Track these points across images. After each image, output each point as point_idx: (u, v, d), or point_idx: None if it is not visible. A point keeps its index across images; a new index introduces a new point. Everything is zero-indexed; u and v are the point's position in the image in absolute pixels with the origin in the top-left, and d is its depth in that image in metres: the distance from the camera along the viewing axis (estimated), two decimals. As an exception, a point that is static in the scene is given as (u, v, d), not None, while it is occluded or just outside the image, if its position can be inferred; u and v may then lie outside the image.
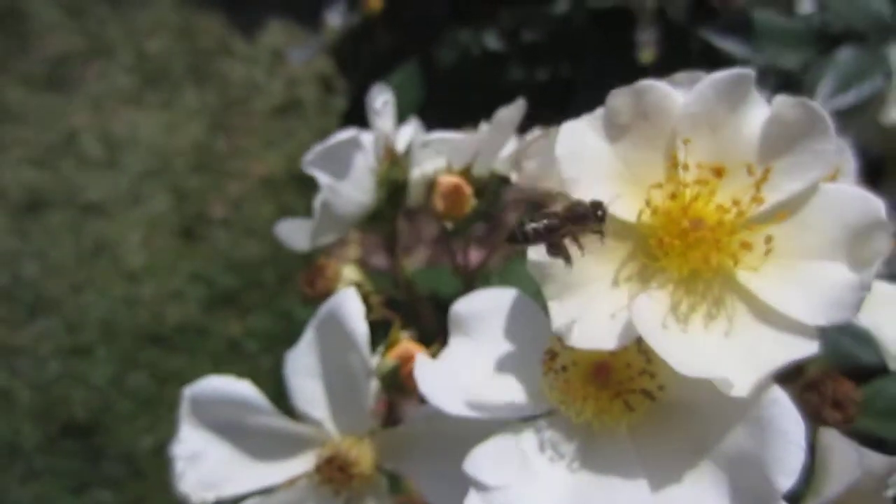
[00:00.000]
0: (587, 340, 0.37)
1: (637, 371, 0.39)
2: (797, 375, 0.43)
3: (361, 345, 0.48)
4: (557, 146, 0.41)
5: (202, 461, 0.51)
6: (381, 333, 0.52)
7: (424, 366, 0.42)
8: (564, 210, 0.39)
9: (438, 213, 0.54)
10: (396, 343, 0.49)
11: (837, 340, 0.63)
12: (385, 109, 0.59)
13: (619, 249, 0.40)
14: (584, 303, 0.39)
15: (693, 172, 0.40)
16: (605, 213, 0.39)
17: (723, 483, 0.35)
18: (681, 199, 0.39)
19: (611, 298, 0.39)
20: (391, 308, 0.59)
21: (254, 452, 0.51)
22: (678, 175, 0.40)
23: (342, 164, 0.56)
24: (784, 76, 1.00)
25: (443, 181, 0.54)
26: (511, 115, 0.56)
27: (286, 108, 2.26)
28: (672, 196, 0.39)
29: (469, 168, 0.56)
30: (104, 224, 2.03)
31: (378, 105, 0.59)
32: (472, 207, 0.55)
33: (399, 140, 0.65)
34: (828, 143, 0.39)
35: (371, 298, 0.57)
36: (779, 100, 0.40)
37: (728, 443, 0.36)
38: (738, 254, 0.38)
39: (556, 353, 0.40)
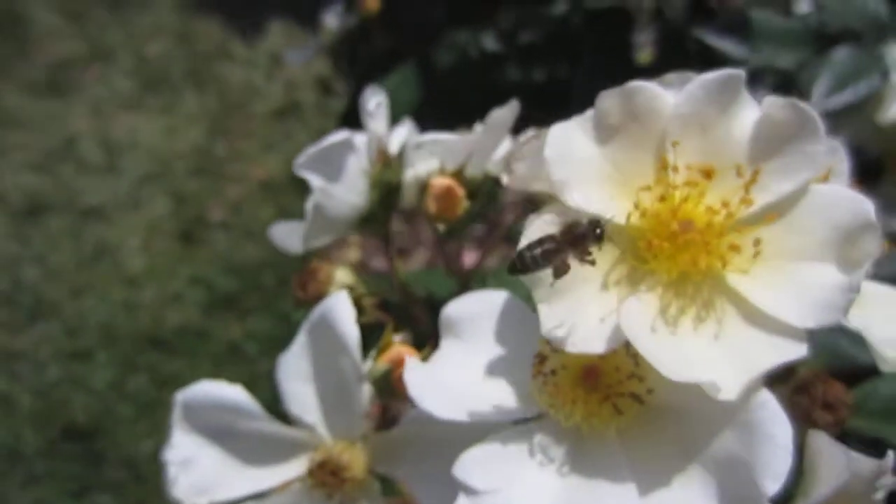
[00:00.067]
0: (576, 344, 0.37)
1: (626, 374, 0.38)
2: (788, 377, 0.43)
3: (352, 349, 0.47)
4: (546, 148, 0.40)
5: (195, 466, 0.51)
6: (376, 336, 0.52)
7: (414, 370, 0.42)
8: (562, 232, 0.38)
9: (431, 215, 0.54)
10: (388, 347, 0.49)
11: (835, 341, 0.62)
12: (378, 111, 0.59)
13: (609, 252, 0.39)
14: (574, 306, 0.38)
15: (683, 174, 0.39)
16: (604, 232, 0.38)
17: (711, 486, 0.35)
18: (670, 202, 0.39)
19: (600, 302, 0.38)
20: (386, 310, 0.59)
21: (246, 457, 0.51)
22: (668, 177, 0.40)
23: (334, 167, 0.56)
24: (781, 76, 1.00)
25: (435, 183, 0.54)
26: (504, 117, 0.55)
27: (285, 111, 2.26)
28: (661, 198, 0.39)
29: (462, 170, 0.56)
30: (104, 228, 2.03)
31: (371, 107, 0.59)
32: (465, 209, 0.54)
33: (393, 141, 0.65)
34: (818, 145, 0.38)
35: (364, 301, 0.57)
36: (768, 101, 0.40)
37: (717, 446, 0.35)
38: (727, 256, 0.38)
39: (546, 357, 0.40)
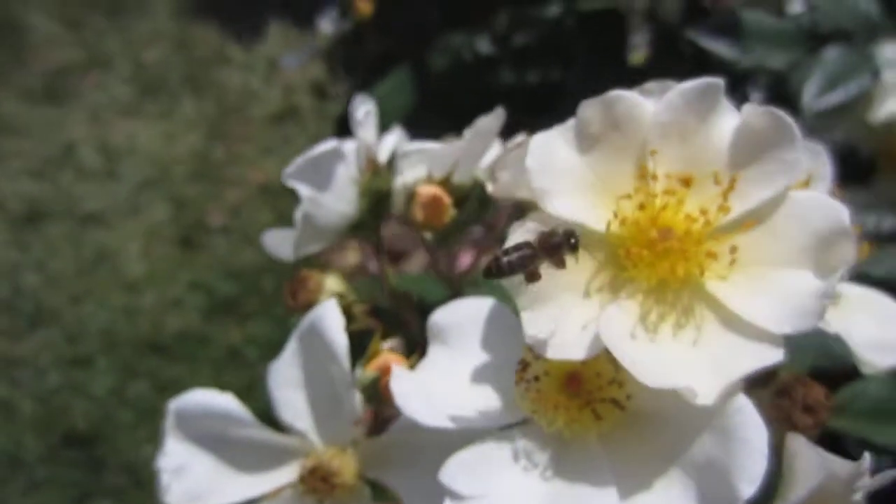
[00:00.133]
0: (556, 351, 0.38)
1: (607, 380, 0.39)
2: (769, 381, 0.43)
3: (341, 357, 0.48)
4: (528, 157, 0.41)
5: (187, 474, 0.51)
6: (367, 343, 0.52)
7: (399, 378, 0.43)
8: (539, 240, 0.39)
9: (417, 223, 0.55)
10: (377, 354, 0.49)
11: (826, 342, 0.63)
12: (367, 120, 0.60)
13: (591, 260, 0.40)
14: (556, 313, 0.39)
15: (662, 182, 0.40)
16: (578, 242, 0.39)
17: (691, 490, 0.35)
18: (650, 210, 0.39)
19: (582, 309, 0.39)
20: (378, 316, 0.60)
21: (239, 464, 0.52)
22: (647, 185, 0.40)
23: (323, 176, 0.57)
24: (773, 76, 1.00)
25: (422, 191, 0.54)
26: (489, 124, 0.56)
27: (283, 116, 2.27)
28: (641, 206, 0.40)
29: (449, 177, 0.57)
30: (103, 234, 2.04)
31: (360, 115, 0.59)
32: (452, 217, 0.55)
33: (383, 149, 0.65)
34: (794, 152, 0.39)
35: (354, 308, 0.57)
36: (747, 108, 0.40)
37: (695, 450, 0.36)
38: (705, 263, 0.38)
39: (529, 364, 0.40)
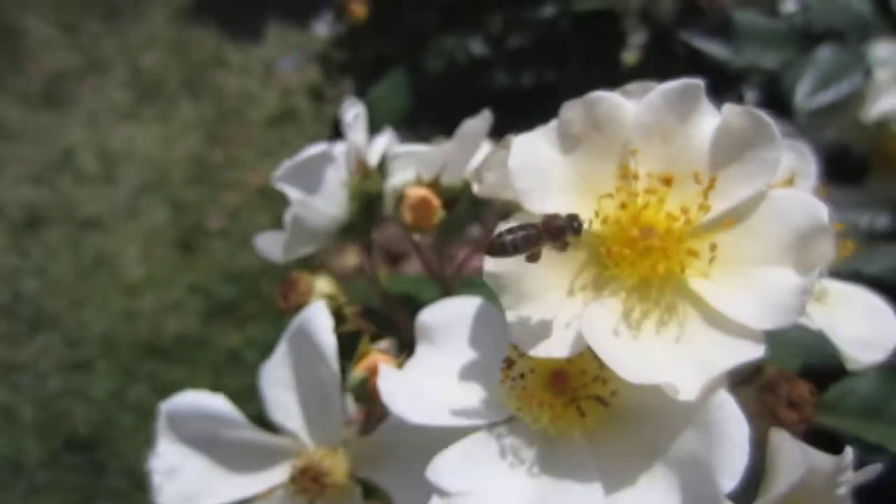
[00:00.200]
0: (542, 349, 0.38)
1: (591, 377, 0.39)
2: (755, 377, 0.44)
3: (330, 358, 0.48)
4: (511, 158, 0.41)
5: (179, 475, 0.52)
6: (358, 344, 0.53)
7: (386, 377, 0.43)
8: (542, 223, 0.39)
9: (406, 225, 0.55)
10: (366, 355, 0.50)
11: (819, 340, 0.63)
12: (356, 122, 0.60)
13: (575, 259, 0.40)
14: (541, 312, 0.39)
15: (644, 182, 0.40)
16: (581, 226, 0.39)
17: (674, 485, 0.36)
18: (631, 209, 0.40)
19: (566, 307, 0.39)
20: (369, 318, 0.60)
21: (230, 465, 0.52)
22: (629, 185, 0.41)
23: (313, 179, 0.57)
24: (766, 76, 1.00)
25: (410, 193, 0.55)
26: (476, 127, 0.56)
27: (281, 118, 2.28)
28: (623, 205, 0.40)
29: (437, 179, 0.57)
30: (102, 238, 2.05)
31: (349, 118, 0.60)
32: (441, 218, 0.55)
33: (374, 151, 0.65)
34: (774, 152, 0.39)
35: (345, 310, 0.58)
36: (727, 108, 0.41)
37: (678, 446, 0.36)
38: (686, 261, 0.39)
39: (514, 362, 0.41)
